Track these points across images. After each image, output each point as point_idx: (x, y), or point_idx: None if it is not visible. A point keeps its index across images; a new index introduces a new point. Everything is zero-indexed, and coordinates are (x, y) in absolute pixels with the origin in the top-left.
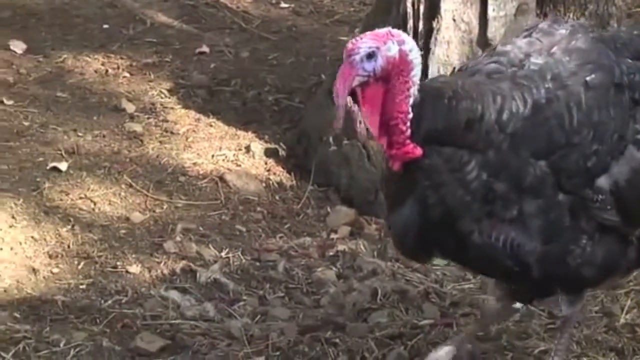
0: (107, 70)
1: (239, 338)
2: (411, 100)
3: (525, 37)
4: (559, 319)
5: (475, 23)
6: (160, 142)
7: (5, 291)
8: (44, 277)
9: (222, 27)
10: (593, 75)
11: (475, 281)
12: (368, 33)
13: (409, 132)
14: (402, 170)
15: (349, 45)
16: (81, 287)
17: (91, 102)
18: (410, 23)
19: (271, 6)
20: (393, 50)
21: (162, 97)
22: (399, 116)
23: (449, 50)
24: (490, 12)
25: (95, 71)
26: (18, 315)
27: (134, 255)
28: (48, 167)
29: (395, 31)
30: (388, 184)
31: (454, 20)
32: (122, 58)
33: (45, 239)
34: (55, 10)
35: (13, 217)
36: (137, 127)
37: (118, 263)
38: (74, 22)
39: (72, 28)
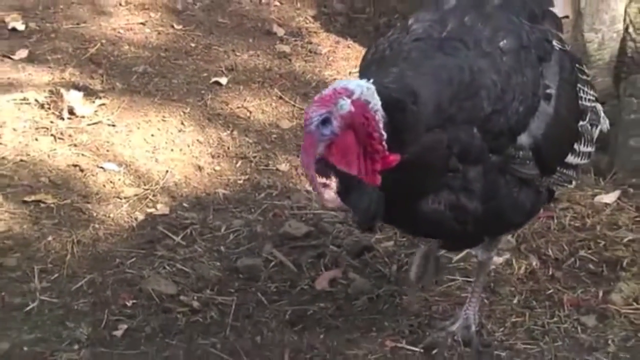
0: (260, 0)
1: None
2: (381, 124)
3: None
4: None
5: None
6: (306, 60)
7: (175, 185)
8: (207, 174)
9: None
10: (505, 41)
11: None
12: (316, 98)
13: (386, 148)
14: None
15: (305, 115)
16: (239, 182)
17: (247, 26)
18: None
19: None
20: (345, 107)
21: (307, 23)
22: (375, 143)
23: None
24: None
25: (251, 0)
26: (186, 205)
27: (283, 156)
28: (211, 82)
29: (339, 86)
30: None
31: None
32: None
33: (209, 142)
34: None
35: (182, 124)
36: (286, 48)
37: (270, 162)
38: None
39: None
